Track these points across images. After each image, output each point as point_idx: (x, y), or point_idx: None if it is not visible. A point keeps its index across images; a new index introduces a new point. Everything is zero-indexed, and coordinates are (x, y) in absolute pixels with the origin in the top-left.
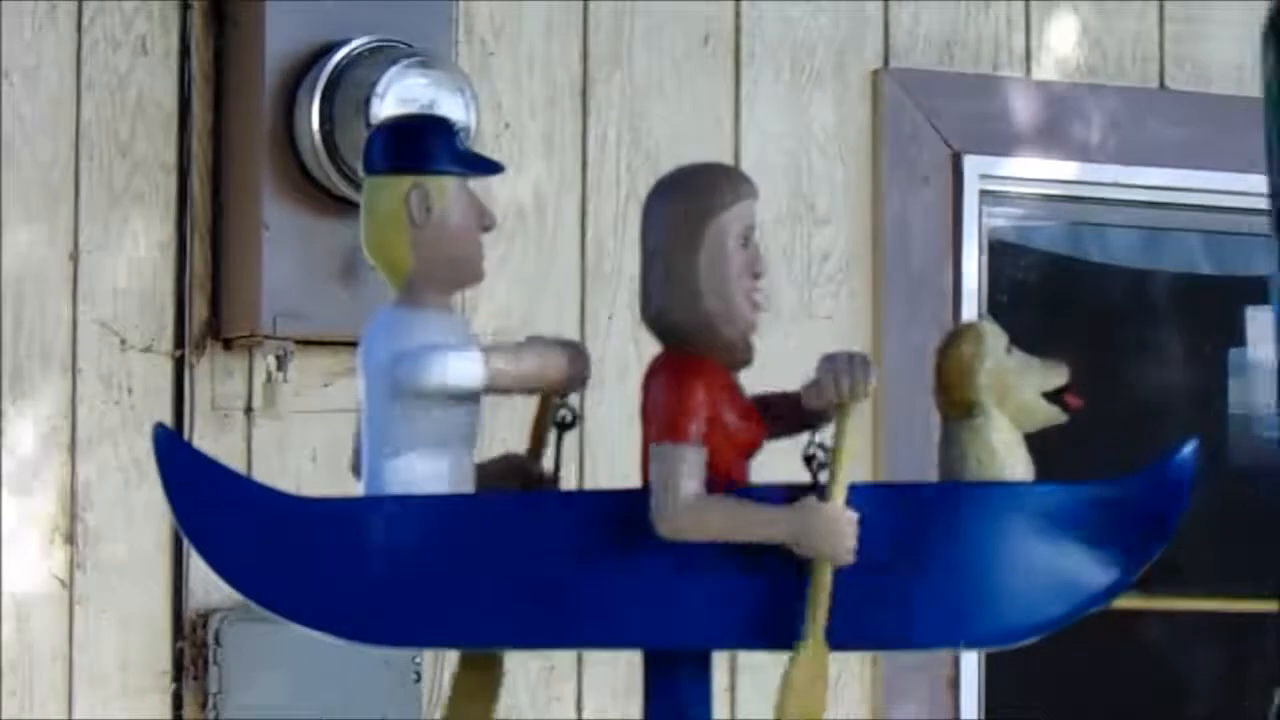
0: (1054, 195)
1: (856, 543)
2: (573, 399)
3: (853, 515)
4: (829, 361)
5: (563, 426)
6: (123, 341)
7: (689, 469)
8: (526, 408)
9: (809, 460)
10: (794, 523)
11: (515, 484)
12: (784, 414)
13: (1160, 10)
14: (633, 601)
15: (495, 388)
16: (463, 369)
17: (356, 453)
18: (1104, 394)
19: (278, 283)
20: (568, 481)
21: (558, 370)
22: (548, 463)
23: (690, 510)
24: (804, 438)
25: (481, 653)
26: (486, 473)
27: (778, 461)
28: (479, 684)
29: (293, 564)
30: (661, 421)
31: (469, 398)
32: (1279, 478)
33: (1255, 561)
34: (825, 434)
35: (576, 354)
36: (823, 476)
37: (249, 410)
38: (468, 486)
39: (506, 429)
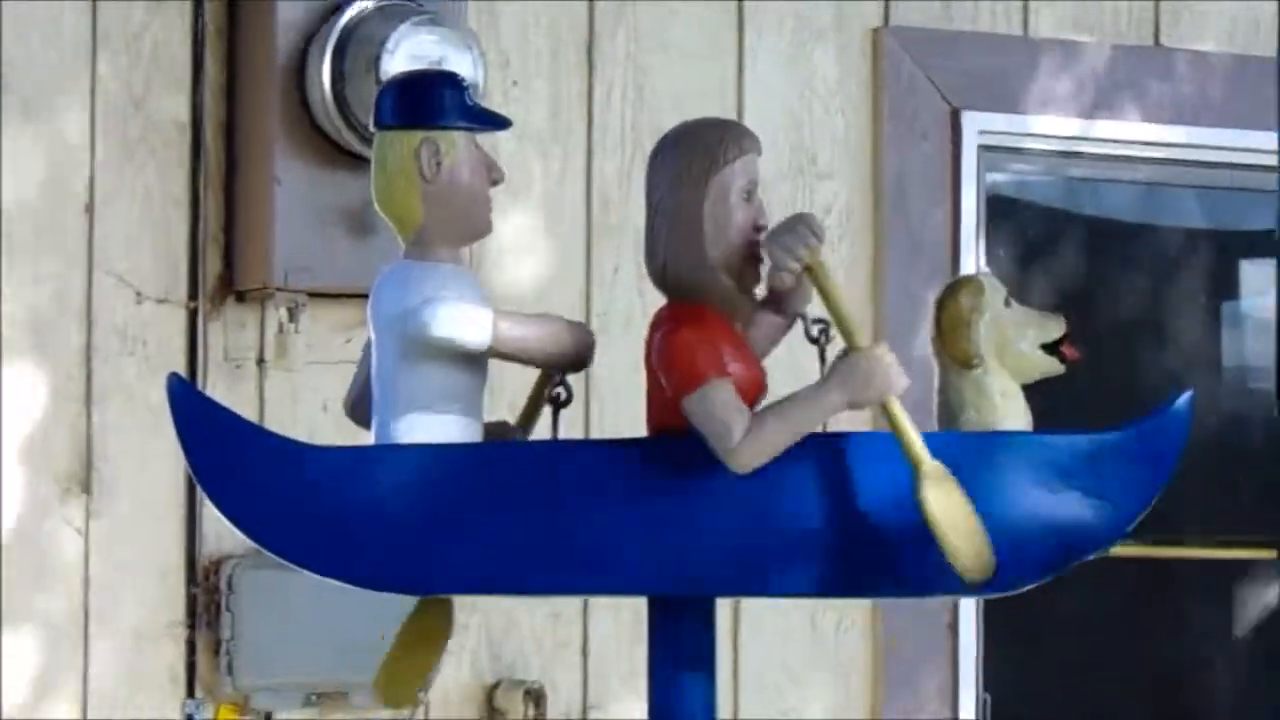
0: (1052, 151)
1: (899, 368)
2: (570, 379)
3: (883, 349)
4: (772, 238)
5: (557, 404)
6: (137, 294)
7: (728, 401)
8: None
9: (815, 340)
10: (841, 383)
11: None
12: (770, 317)
13: None
14: (639, 548)
15: (499, 351)
16: (470, 325)
17: (354, 395)
18: (1101, 347)
19: (289, 236)
20: (574, 429)
21: (560, 345)
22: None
23: (751, 435)
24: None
25: (437, 599)
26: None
27: None
28: (424, 634)
29: (305, 511)
30: (681, 372)
31: (476, 357)
32: (1272, 428)
33: (1251, 510)
34: (811, 306)
35: (582, 335)
36: (830, 350)
37: (261, 361)
38: (476, 439)
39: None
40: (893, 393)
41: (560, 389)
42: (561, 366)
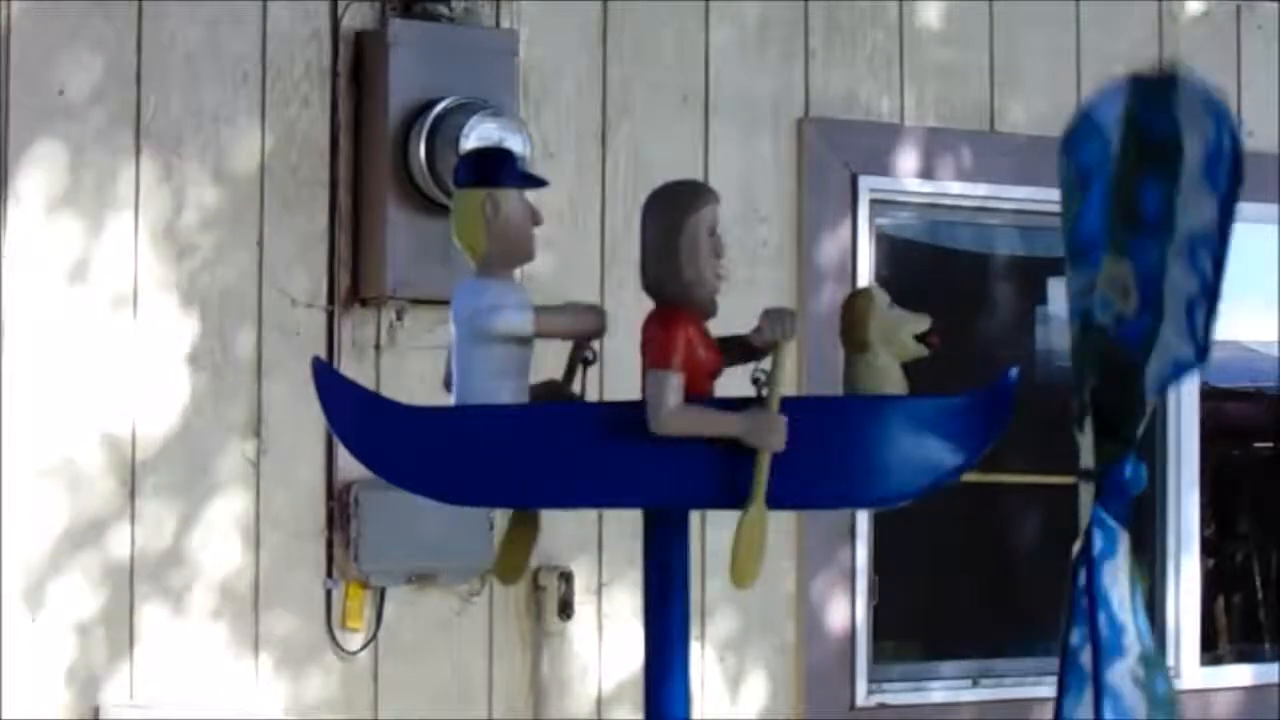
0: (919, 203)
1: (786, 436)
2: (594, 344)
3: (783, 418)
4: (768, 314)
5: (586, 363)
6: (292, 300)
7: (672, 387)
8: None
9: (755, 381)
10: (744, 423)
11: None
12: (737, 349)
13: (990, 76)
14: (635, 476)
15: (540, 335)
16: (517, 321)
17: (447, 373)
18: (956, 337)
19: (397, 260)
20: (592, 394)
21: (584, 325)
22: (576, 387)
23: (673, 416)
24: (750, 369)
25: (526, 513)
26: (535, 393)
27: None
28: (523, 536)
29: (407, 450)
30: (653, 354)
31: (524, 341)
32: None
33: (1056, 449)
34: (765, 363)
35: (598, 314)
36: (764, 392)
37: (378, 347)
38: (523, 401)
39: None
40: (769, 448)
41: (587, 352)
42: (585, 337)
